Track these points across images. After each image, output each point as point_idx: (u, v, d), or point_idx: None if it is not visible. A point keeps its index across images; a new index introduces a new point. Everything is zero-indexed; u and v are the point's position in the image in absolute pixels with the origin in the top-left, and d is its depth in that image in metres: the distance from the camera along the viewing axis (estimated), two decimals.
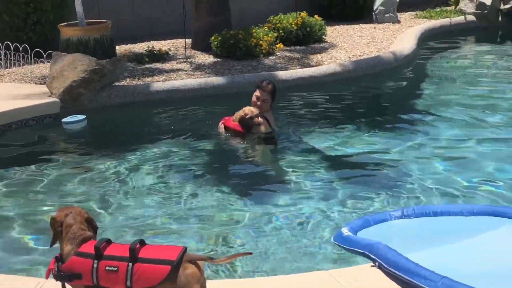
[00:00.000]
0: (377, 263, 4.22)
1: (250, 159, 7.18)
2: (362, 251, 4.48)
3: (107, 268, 3.46)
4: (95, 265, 3.47)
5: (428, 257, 4.17)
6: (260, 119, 7.26)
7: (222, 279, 4.58)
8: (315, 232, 5.29)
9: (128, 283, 3.44)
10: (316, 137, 7.68)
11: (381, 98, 10.07)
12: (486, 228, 4.77)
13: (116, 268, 3.45)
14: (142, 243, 3.57)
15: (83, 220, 3.68)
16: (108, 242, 3.62)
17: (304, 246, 5.06)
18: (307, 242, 5.12)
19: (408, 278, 3.95)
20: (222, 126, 7.52)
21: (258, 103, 7.33)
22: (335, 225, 5.33)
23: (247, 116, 7.19)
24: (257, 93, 7.37)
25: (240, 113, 7.25)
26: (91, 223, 3.73)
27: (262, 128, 7.31)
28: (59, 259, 3.58)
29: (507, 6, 14.27)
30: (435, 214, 5.08)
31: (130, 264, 3.45)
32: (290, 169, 6.76)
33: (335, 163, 6.87)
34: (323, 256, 4.86)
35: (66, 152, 7.67)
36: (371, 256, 4.33)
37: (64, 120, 8.31)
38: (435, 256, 4.28)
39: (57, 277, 3.57)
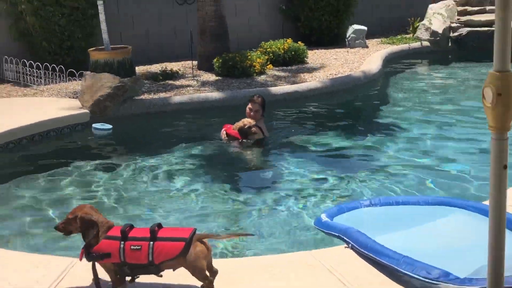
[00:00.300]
0: (350, 245, 4.22)
1: (246, 160, 7.19)
2: (337, 234, 4.47)
3: (132, 247, 3.48)
4: (121, 245, 3.49)
5: (392, 239, 4.16)
6: (255, 128, 7.29)
7: (216, 258, 4.58)
8: (298, 219, 5.30)
9: (150, 258, 3.46)
10: (300, 141, 7.69)
11: (353, 108, 10.08)
12: (438, 215, 4.77)
13: (140, 247, 3.48)
14: (159, 226, 3.60)
15: (99, 213, 3.74)
16: (131, 226, 3.65)
17: (290, 230, 5.07)
18: (292, 227, 5.12)
19: (375, 257, 3.94)
20: (224, 133, 7.53)
21: (252, 113, 7.36)
22: (315, 212, 5.34)
23: (246, 127, 7.23)
24: (250, 105, 7.42)
25: (239, 124, 7.28)
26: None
27: (257, 136, 7.34)
28: (88, 245, 3.59)
29: (455, 34, 14.30)
30: (397, 203, 5.08)
31: (151, 242, 3.48)
32: (279, 168, 6.76)
33: (316, 162, 6.88)
34: (305, 239, 4.87)
35: (93, 153, 7.67)
36: (345, 239, 4.32)
37: (94, 125, 8.32)
38: (397, 238, 4.27)
39: (89, 258, 3.57)
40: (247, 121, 7.25)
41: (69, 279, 3.89)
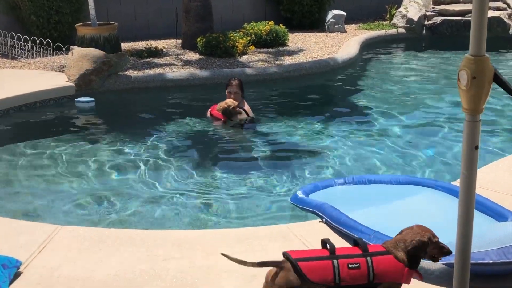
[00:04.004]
0: (324, 220, 4.24)
1: (227, 139, 7.14)
2: (312, 210, 4.50)
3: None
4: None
5: (364, 216, 4.19)
6: (238, 108, 7.24)
7: (200, 229, 4.58)
8: (276, 195, 5.30)
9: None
10: (278, 121, 7.68)
11: (331, 90, 10.10)
12: (408, 194, 4.81)
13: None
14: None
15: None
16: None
17: (266, 206, 5.08)
18: (270, 203, 5.13)
19: (348, 232, 3.97)
20: (209, 113, 7.48)
21: (232, 96, 7.31)
22: (291, 189, 5.35)
23: (231, 108, 7.18)
24: (229, 89, 7.36)
25: (222, 105, 7.22)
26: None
27: (240, 116, 7.28)
28: None
29: (430, 22, 14.34)
30: (370, 182, 5.11)
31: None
32: (258, 147, 6.75)
33: (293, 142, 6.89)
34: (282, 214, 4.88)
35: (77, 126, 7.62)
36: (319, 214, 4.34)
37: (76, 99, 8.25)
38: (369, 215, 4.29)
39: None
40: (230, 102, 7.21)
41: (52, 246, 3.86)
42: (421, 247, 2.97)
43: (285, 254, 3.02)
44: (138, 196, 5.26)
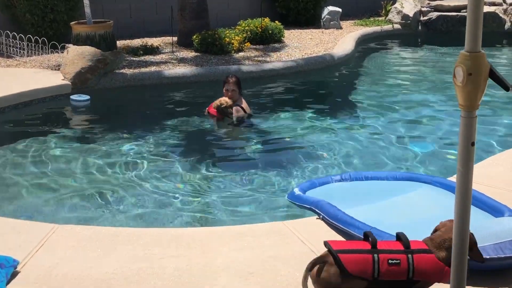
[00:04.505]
0: (321, 216, 4.24)
1: (223, 136, 7.15)
2: (309, 207, 4.50)
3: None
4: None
5: (361, 212, 4.19)
6: (235, 107, 7.21)
7: (196, 227, 4.58)
8: (273, 192, 5.31)
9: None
10: (276, 117, 7.67)
11: (327, 86, 10.10)
12: (405, 190, 4.81)
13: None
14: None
15: None
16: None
17: (263, 203, 5.08)
18: (267, 200, 5.13)
19: (345, 228, 3.98)
20: (206, 111, 7.48)
21: (229, 93, 7.30)
22: (288, 186, 5.35)
23: (222, 106, 7.17)
24: (226, 86, 7.35)
25: (216, 103, 7.22)
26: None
27: (236, 113, 7.25)
28: None
29: (425, 18, 14.35)
30: (367, 178, 5.11)
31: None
32: (255, 144, 6.75)
33: (290, 138, 6.88)
34: (279, 211, 4.88)
35: (74, 124, 7.62)
36: (317, 210, 4.35)
37: (72, 97, 8.24)
38: (366, 211, 4.30)
39: None
40: (223, 100, 7.20)
41: (50, 245, 3.85)
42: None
43: (326, 245, 3.02)
44: (134, 194, 5.25)
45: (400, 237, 3.11)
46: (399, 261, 2.96)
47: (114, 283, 3.42)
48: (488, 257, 3.35)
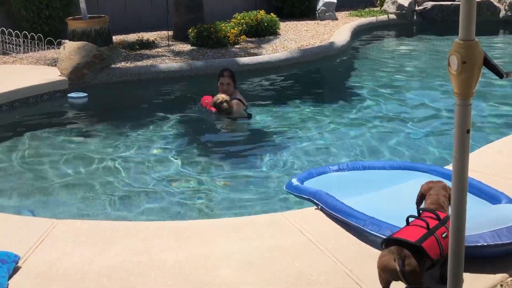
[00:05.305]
0: (319, 206, 4.25)
1: (224, 129, 7.12)
2: (307, 197, 4.51)
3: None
4: None
5: (359, 201, 4.20)
6: (231, 102, 7.20)
7: (196, 219, 4.59)
8: (271, 183, 5.32)
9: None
10: (273, 109, 7.68)
11: (323, 77, 10.12)
12: (402, 179, 4.81)
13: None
14: None
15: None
16: None
17: (261, 194, 5.09)
18: (266, 191, 5.14)
19: (343, 218, 3.98)
20: (204, 104, 7.47)
21: (224, 87, 7.30)
22: (286, 177, 5.36)
23: (218, 101, 7.15)
24: (221, 80, 7.35)
25: (214, 100, 7.21)
26: None
27: (237, 107, 7.25)
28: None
29: (420, 7, 14.35)
30: (364, 168, 5.12)
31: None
32: (252, 135, 6.77)
33: (286, 129, 6.89)
34: (278, 202, 4.90)
35: (71, 120, 7.60)
36: (315, 201, 4.35)
37: (69, 95, 8.23)
38: (364, 201, 4.30)
39: None
40: (221, 96, 7.20)
41: (50, 240, 3.87)
42: None
43: (397, 240, 2.97)
44: (133, 188, 5.27)
45: (421, 213, 3.14)
46: (446, 234, 2.99)
47: (114, 276, 3.44)
48: (485, 244, 3.37)
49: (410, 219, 3.18)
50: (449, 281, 2.58)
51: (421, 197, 3.42)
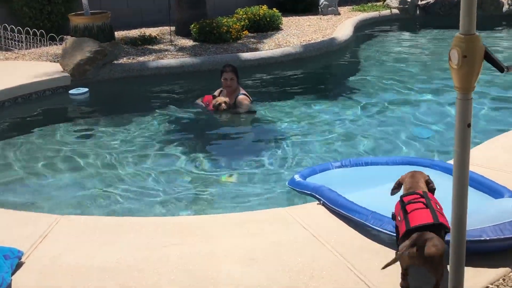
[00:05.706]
0: (321, 202, 4.27)
1: (227, 125, 7.11)
2: (310, 192, 4.51)
3: None
4: None
5: (361, 197, 4.21)
6: (238, 97, 7.18)
7: (199, 215, 4.61)
8: (274, 179, 5.33)
9: None
10: (276, 105, 7.69)
11: (325, 73, 10.12)
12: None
13: None
14: None
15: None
16: None
17: (264, 190, 5.11)
18: (268, 187, 5.16)
19: (346, 213, 4.00)
20: (204, 103, 7.48)
21: (228, 82, 7.30)
22: (289, 173, 5.37)
23: (217, 103, 7.14)
24: (224, 76, 7.33)
25: (213, 103, 7.21)
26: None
27: (246, 102, 7.25)
28: None
29: (423, 2, 14.34)
30: (366, 164, 5.12)
31: None
32: (254, 132, 6.79)
33: (290, 126, 6.90)
34: (281, 197, 4.91)
35: (73, 116, 7.63)
36: (317, 196, 4.36)
37: (70, 91, 8.25)
38: (367, 196, 4.31)
39: None
40: (220, 100, 7.19)
41: (53, 235, 3.89)
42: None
43: (423, 227, 3.06)
44: (136, 184, 5.28)
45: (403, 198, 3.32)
46: (439, 205, 3.25)
47: (118, 271, 3.45)
48: (488, 238, 3.38)
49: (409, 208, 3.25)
50: (451, 275, 2.59)
51: (398, 185, 3.55)
